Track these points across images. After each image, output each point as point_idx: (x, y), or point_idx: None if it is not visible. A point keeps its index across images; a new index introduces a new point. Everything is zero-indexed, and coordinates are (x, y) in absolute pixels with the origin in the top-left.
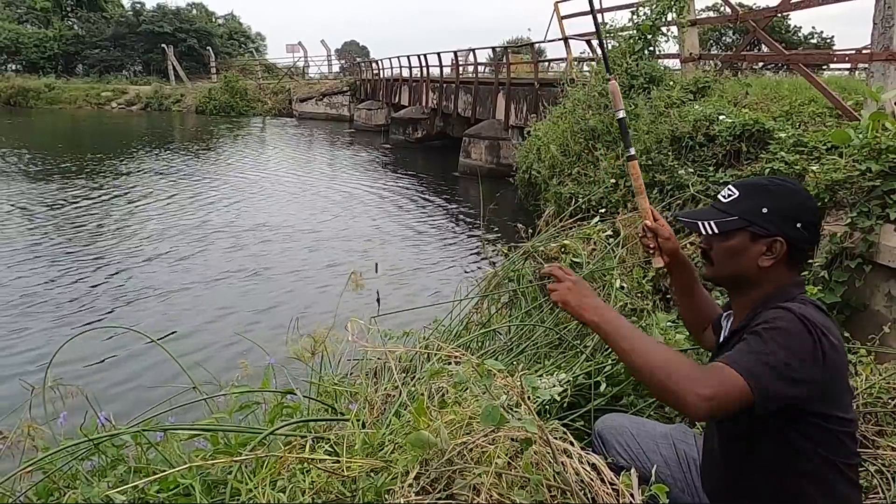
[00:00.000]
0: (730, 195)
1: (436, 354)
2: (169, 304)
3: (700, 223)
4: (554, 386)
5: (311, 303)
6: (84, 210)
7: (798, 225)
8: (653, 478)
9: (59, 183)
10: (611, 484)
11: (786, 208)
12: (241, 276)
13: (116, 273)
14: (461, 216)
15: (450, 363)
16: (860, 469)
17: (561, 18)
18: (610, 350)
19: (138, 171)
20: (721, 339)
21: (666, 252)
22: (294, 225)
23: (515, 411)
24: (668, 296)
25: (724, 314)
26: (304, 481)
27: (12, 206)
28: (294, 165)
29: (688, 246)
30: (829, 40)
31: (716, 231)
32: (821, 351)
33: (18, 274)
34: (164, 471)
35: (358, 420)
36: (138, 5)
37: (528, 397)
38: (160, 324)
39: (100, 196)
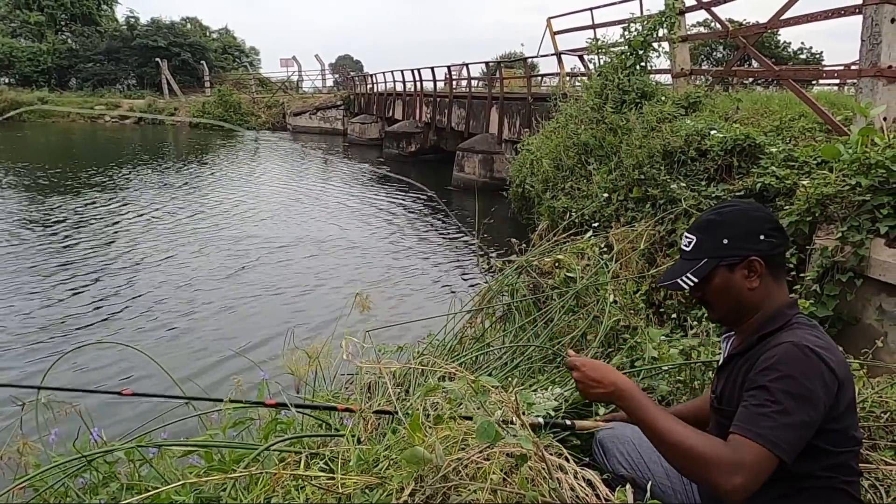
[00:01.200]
0: (690, 242)
1: (431, 371)
2: (164, 320)
3: (678, 281)
4: (549, 400)
5: (306, 317)
6: (82, 225)
7: (762, 237)
8: (648, 493)
9: (56, 196)
10: (606, 500)
11: (742, 229)
12: (236, 290)
13: (111, 289)
14: (455, 230)
15: (444, 379)
16: None
17: (554, 34)
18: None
19: (135, 186)
20: (721, 360)
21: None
22: (288, 239)
23: (511, 427)
24: (661, 309)
25: (724, 336)
26: (299, 498)
27: (8, 220)
28: (289, 179)
29: None
30: (817, 56)
31: (694, 280)
32: (832, 379)
33: (16, 290)
34: (157, 488)
35: (353, 436)
36: (133, 19)
37: (524, 413)
38: (155, 338)
39: (97, 211)
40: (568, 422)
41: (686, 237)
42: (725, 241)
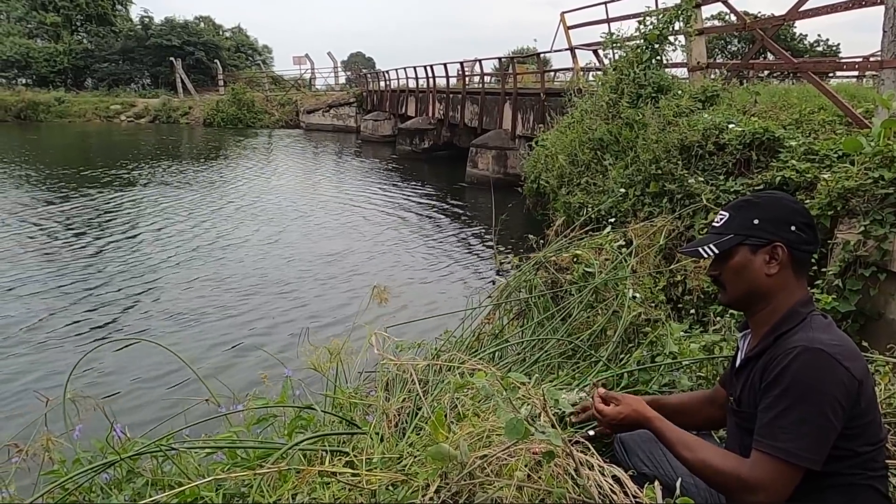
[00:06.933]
0: (722, 218)
1: (458, 367)
2: (186, 316)
3: (700, 249)
4: (581, 398)
5: (323, 315)
6: (104, 224)
7: (792, 228)
8: (678, 490)
9: (76, 196)
10: (634, 497)
11: (775, 214)
12: (258, 288)
13: (136, 287)
14: (470, 226)
15: (464, 374)
16: None
17: (567, 29)
18: (624, 361)
19: (152, 184)
20: (738, 362)
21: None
22: (306, 236)
23: (536, 423)
24: (680, 305)
25: (742, 334)
26: (325, 495)
27: (35, 220)
28: (303, 177)
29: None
30: (834, 48)
31: (715, 251)
32: (851, 380)
33: (43, 288)
34: (182, 484)
35: (376, 433)
36: (147, 19)
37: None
38: (177, 335)
39: (118, 210)
40: (592, 432)
41: (720, 214)
42: (756, 222)
